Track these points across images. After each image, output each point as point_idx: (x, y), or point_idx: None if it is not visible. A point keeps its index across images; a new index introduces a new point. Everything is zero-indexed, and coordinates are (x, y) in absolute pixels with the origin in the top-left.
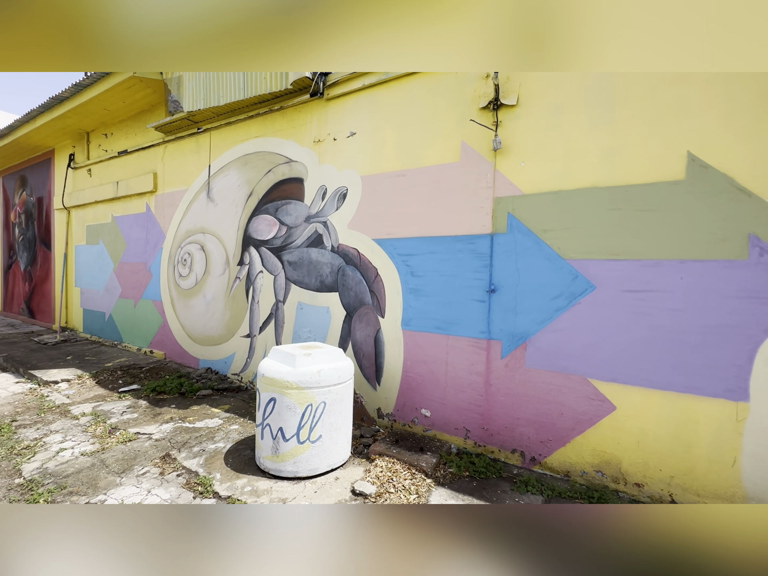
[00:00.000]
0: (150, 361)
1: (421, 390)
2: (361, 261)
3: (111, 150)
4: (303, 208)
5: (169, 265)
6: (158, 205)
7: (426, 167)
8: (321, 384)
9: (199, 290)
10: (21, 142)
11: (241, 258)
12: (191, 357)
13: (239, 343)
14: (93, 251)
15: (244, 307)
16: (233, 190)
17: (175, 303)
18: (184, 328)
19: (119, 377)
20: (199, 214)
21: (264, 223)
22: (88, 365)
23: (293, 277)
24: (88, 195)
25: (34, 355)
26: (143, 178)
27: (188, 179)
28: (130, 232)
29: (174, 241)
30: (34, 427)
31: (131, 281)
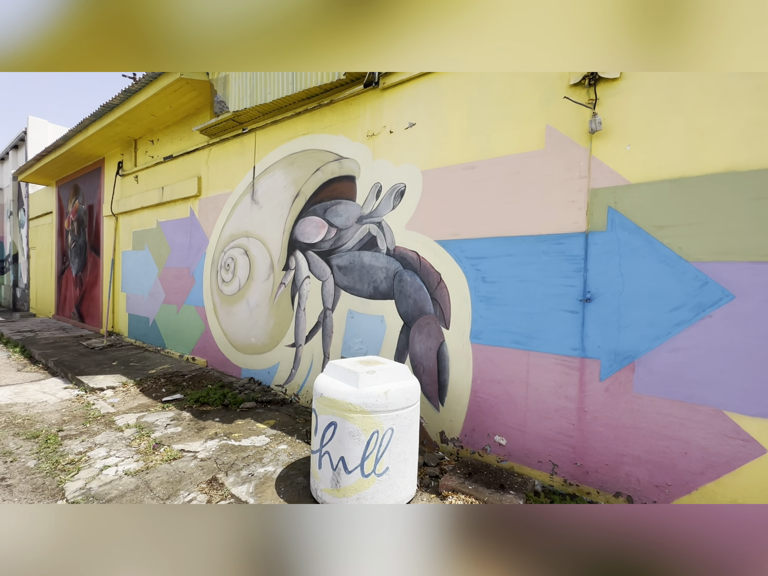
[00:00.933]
0: (192, 369)
1: (495, 413)
2: (422, 265)
3: (157, 156)
4: (355, 208)
5: (212, 270)
6: (202, 209)
7: (500, 158)
8: (388, 407)
9: (242, 296)
10: (74, 151)
11: (287, 262)
12: (233, 366)
13: (284, 353)
14: (139, 257)
15: (289, 315)
16: (279, 191)
17: (217, 309)
18: (226, 335)
19: (162, 385)
20: (243, 218)
21: (311, 226)
22: (132, 372)
23: (343, 282)
24: (135, 201)
25: (82, 360)
26: (187, 182)
27: (232, 182)
28: (174, 237)
29: (217, 245)
30: (80, 438)
31: (175, 286)
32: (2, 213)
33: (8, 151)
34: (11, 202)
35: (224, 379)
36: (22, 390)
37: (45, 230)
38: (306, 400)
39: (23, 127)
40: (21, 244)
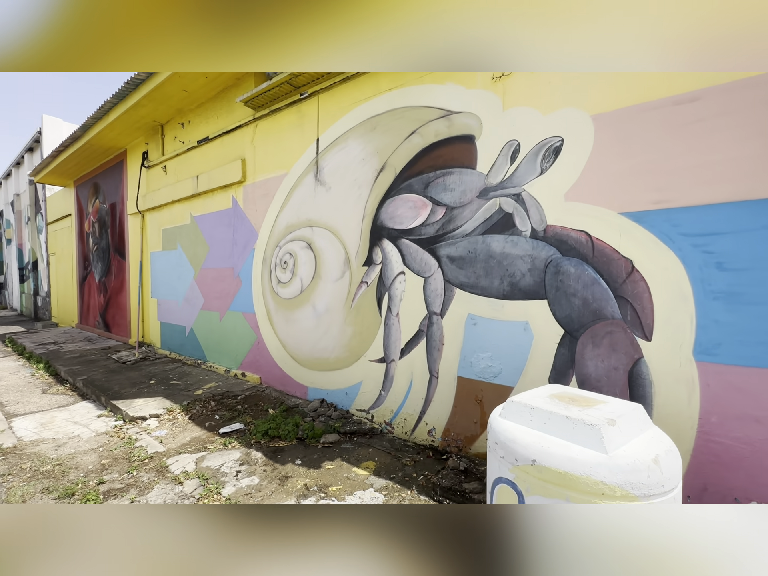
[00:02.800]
0: (244, 388)
1: (748, 468)
2: (596, 250)
3: (188, 141)
4: (474, 179)
5: (263, 269)
6: (248, 197)
7: (752, 78)
8: (665, 488)
9: (306, 300)
10: (94, 143)
11: (369, 256)
12: (296, 384)
13: (367, 370)
14: (170, 257)
15: (374, 322)
16: (354, 166)
17: (272, 316)
18: (285, 347)
19: (214, 410)
20: (304, 203)
21: (405, 206)
22: (175, 392)
23: (458, 278)
24: (164, 195)
25: (114, 378)
26: (228, 167)
27: (287, 161)
28: (213, 233)
29: (270, 239)
30: (127, 495)
31: (215, 290)
32: (20, 219)
33: (23, 154)
34: (29, 207)
35: (286, 400)
36: (49, 420)
37: (64, 234)
38: (404, 431)
39: (38, 126)
40: (40, 250)
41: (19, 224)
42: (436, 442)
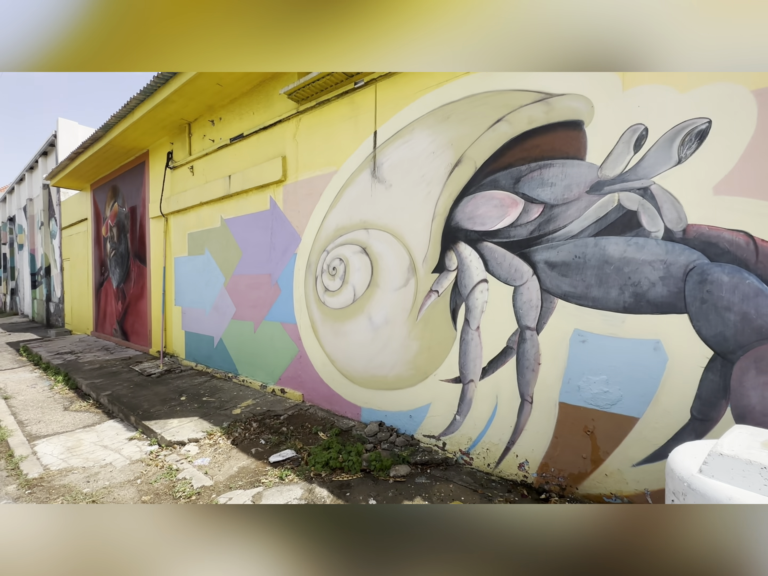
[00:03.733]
0: (286, 406)
1: None
2: (760, 254)
3: (219, 139)
4: (583, 171)
5: (307, 276)
6: (289, 197)
7: None
8: None
9: (360, 310)
10: (115, 144)
11: (441, 261)
12: (346, 403)
13: (438, 391)
14: (197, 263)
15: (447, 336)
16: (422, 160)
17: (317, 327)
18: (333, 362)
19: (257, 432)
20: (357, 203)
21: (489, 204)
22: (210, 411)
23: (560, 287)
24: (191, 197)
25: (141, 394)
26: (266, 165)
27: (337, 157)
28: (248, 237)
29: (315, 243)
30: None
31: (250, 298)
32: (33, 224)
33: (37, 158)
34: (42, 212)
35: (337, 422)
36: (75, 443)
37: (80, 239)
38: (486, 463)
39: (53, 130)
40: (53, 255)
41: (31, 229)
42: (530, 477)
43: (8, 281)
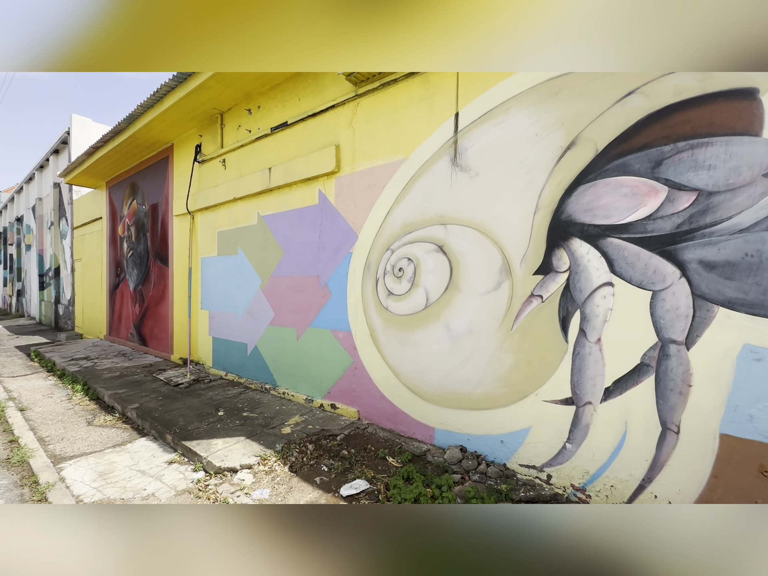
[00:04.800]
0: (342, 425)
1: None
2: None
3: (259, 129)
4: (758, 150)
5: (365, 278)
6: (343, 191)
7: None
8: None
9: (434, 317)
10: (139, 137)
11: (547, 261)
12: (416, 423)
13: (541, 413)
14: (228, 264)
15: (553, 349)
16: (520, 144)
17: (377, 336)
18: (398, 375)
19: (316, 457)
20: (432, 196)
21: (616, 193)
22: (256, 430)
23: (722, 293)
24: (223, 192)
25: (173, 408)
26: (315, 156)
27: (405, 144)
28: (290, 235)
29: (376, 242)
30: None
31: (292, 302)
32: (42, 224)
33: (48, 157)
34: (52, 211)
35: (404, 444)
36: (108, 467)
37: (93, 239)
38: (610, 502)
39: (66, 127)
40: (63, 256)
41: (40, 229)
42: None
43: (14, 282)
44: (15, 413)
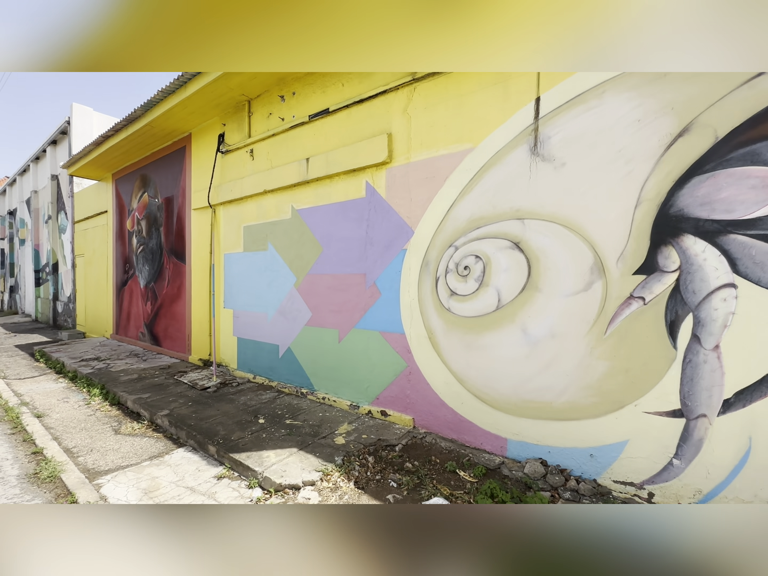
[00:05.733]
0: (397, 434)
1: None
2: None
3: (294, 116)
4: None
5: (422, 276)
6: (395, 182)
7: None
8: None
9: (507, 319)
10: (156, 125)
11: (650, 260)
12: (483, 433)
13: (640, 426)
14: (255, 260)
15: (658, 356)
16: (618, 131)
17: (437, 338)
18: (462, 381)
19: (379, 470)
20: (506, 188)
21: (741, 185)
22: (306, 440)
23: None
24: (250, 184)
25: (207, 415)
26: (363, 145)
27: (473, 133)
28: (331, 230)
29: (436, 237)
30: None
31: (332, 302)
32: (37, 218)
33: (45, 148)
34: (49, 204)
35: (472, 456)
36: (151, 483)
37: (97, 233)
38: None
39: (66, 116)
40: (62, 251)
41: (36, 223)
42: None
43: (6, 278)
44: (32, 420)
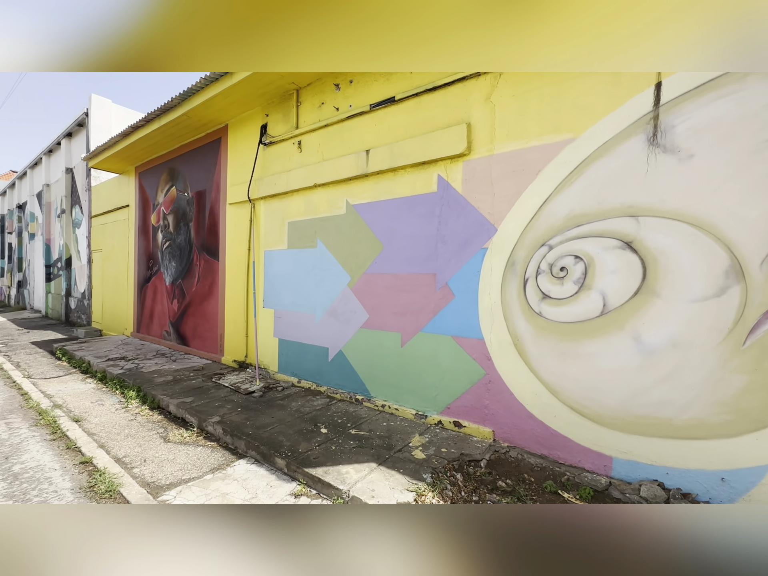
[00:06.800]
0: (478, 448)
1: None
2: None
3: (350, 106)
4: None
5: (507, 277)
6: (475, 176)
7: None
8: None
9: (615, 325)
10: (192, 115)
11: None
12: (581, 449)
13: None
14: (302, 258)
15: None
16: (763, 120)
17: (525, 345)
18: (556, 393)
19: (472, 490)
20: (616, 182)
21: None
22: (381, 453)
23: None
24: (297, 178)
25: (261, 422)
26: (435, 136)
27: (574, 121)
28: (394, 226)
29: (524, 235)
30: None
31: (395, 303)
32: (49, 212)
33: (59, 140)
34: (63, 198)
35: (569, 474)
36: (222, 500)
37: (117, 228)
38: None
39: (84, 107)
40: (76, 246)
41: (47, 217)
42: None
43: (14, 273)
44: (71, 425)
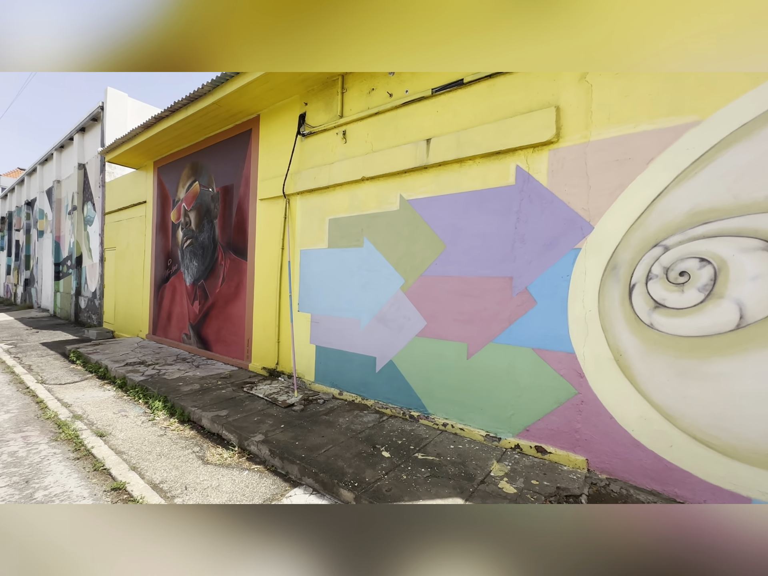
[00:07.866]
0: (573, 480)
1: None
2: None
3: (406, 91)
4: None
5: (608, 283)
6: (563, 167)
7: None
8: None
9: (757, 341)
10: (223, 104)
11: None
12: (707, 486)
13: None
14: (345, 258)
15: None
16: None
17: (629, 361)
18: (672, 418)
19: None
20: (758, 173)
21: None
22: (463, 485)
23: None
24: (341, 171)
25: (312, 442)
26: (513, 122)
27: (696, 103)
28: (460, 224)
29: (630, 234)
30: None
31: (460, 310)
32: (59, 208)
33: (72, 135)
34: (75, 194)
35: None
36: None
37: (133, 225)
38: None
39: (99, 101)
40: (88, 244)
41: (57, 214)
42: None
43: (21, 271)
44: (95, 440)
